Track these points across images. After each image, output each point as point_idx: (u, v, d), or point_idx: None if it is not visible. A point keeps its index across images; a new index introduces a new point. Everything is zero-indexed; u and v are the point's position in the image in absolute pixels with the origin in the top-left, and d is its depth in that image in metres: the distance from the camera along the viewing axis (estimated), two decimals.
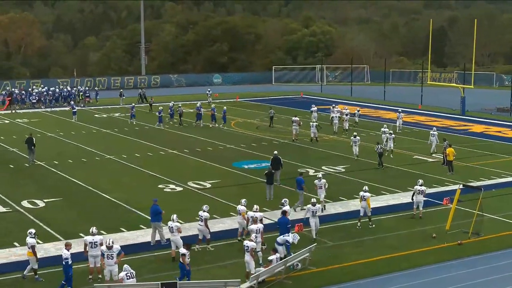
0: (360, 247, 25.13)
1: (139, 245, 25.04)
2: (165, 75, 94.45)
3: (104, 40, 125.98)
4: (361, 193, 27.75)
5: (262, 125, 55.23)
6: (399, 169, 38.69)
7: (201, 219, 24.65)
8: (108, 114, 63.26)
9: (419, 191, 28.84)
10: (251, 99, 75.07)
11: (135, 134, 51.14)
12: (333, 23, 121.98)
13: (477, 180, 35.49)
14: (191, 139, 48.93)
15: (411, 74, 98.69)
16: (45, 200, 31.59)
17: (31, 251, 22.02)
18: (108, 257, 20.84)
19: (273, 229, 25.21)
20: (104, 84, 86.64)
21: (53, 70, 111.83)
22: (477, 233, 26.29)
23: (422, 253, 24.39)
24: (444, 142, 39.73)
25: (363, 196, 27.57)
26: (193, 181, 35.35)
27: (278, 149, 40.77)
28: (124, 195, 32.44)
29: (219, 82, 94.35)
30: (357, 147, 40.93)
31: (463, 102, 64.07)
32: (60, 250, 23.14)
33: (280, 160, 34.17)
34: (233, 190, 33.70)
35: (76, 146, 46.51)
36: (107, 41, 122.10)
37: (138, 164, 39.93)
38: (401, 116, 52.76)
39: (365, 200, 27.49)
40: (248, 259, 21.29)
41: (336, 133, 50.99)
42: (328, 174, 36.71)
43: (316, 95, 79.76)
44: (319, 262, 23.25)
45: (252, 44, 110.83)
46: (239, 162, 40.62)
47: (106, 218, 28.54)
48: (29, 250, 22.08)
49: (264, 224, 24.58)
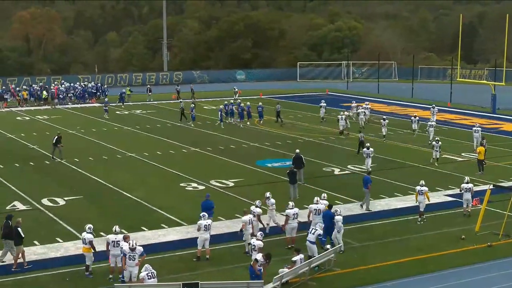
0: (385, 248, 25.05)
1: (160, 245, 25.15)
2: (187, 71, 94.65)
3: (125, 36, 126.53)
4: (417, 187, 28.50)
5: (287, 123, 55.17)
6: (427, 168, 38.46)
7: (254, 214, 24.92)
8: (130, 111, 63.55)
9: (467, 189, 29.10)
10: (275, 96, 74.99)
11: (157, 132, 51.33)
12: (359, 19, 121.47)
13: (508, 180, 35.20)
14: (214, 137, 49.04)
15: (440, 71, 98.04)
16: (66, 198, 31.84)
17: (88, 247, 22.17)
18: (130, 258, 20.93)
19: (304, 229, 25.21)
20: (125, 80, 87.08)
21: (74, 67, 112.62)
22: (508, 235, 26.09)
23: (450, 255, 24.25)
24: (483, 141, 40.07)
25: (420, 191, 28.25)
26: (215, 180, 35.42)
27: (303, 147, 40.80)
28: (146, 194, 32.59)
29: (242, 79, 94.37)
30: (370, 160, 37.05)
31: (494, 99, 63.52)
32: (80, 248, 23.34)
33: (302, 159, 34.10)
34: (256, 189, 33.71)
35: (97, 143, 46.80)
36: (129, 37, 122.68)
37: (159, 162, 40.09)
38: (435, 112, 53.13)
39: (422, 194, 28.19)
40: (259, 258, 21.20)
41: (363, 128, 51.02)
42: (354, 173, 36.62)
43: (342, 92, 79.55)
44: (344, 264, 23.21)
45: (276, 40, 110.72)
46: (263, 160, 40.64)
47: (127, 216, 28.70)
48: (85, 245, 22.26)
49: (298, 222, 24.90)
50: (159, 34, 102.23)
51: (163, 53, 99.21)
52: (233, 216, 28.56)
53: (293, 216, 24.96)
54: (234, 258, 23.88)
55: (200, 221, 23.76)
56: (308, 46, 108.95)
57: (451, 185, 34.11)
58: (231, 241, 25.59)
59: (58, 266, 23.05)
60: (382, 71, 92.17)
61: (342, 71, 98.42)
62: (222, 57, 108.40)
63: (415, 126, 49.20)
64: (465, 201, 29.22)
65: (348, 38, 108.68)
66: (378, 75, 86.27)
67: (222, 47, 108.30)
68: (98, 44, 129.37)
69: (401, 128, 51.74)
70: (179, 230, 26.67)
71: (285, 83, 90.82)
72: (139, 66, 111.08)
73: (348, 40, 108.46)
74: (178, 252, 24.30)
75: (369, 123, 53.80)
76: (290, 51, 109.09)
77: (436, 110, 53.66)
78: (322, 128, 50.86)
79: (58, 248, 24.69)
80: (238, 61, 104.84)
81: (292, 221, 24.91)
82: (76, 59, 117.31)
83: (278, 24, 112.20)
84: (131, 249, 20.90)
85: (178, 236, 25.66)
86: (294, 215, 24.98)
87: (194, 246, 24.05)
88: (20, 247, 23.16)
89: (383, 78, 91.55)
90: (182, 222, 27.80)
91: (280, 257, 23.06)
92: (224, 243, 25.29)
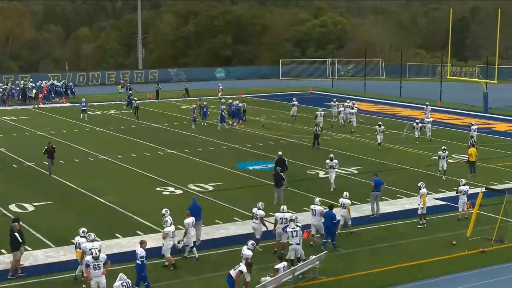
0: (374, 255, 25.12)
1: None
2: (164, 69, 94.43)
3: (98, 32, 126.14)
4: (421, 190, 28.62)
5: (268, 123, 55.22)
6: (417, 171, 38.64)
7: (256, 217, 25.29)
8: (103, 111, 63.33)
9: (464, 192, 29.31)
10: (256, 95, 75.07)
11: (132, 133, 51.20)
12: (346, 13, 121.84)
13: (501, 183, 35.46)
14: (192, 139, 48.98)
15: (429, 68, 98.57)
16: (35, 204, 31.64)
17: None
18: (95, 267, 20.78)
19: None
20: (98, 79, 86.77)
21: (44, 64, 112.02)
22: (501, 240, 26.24)
23: (441, 262, 24.36)
24: (471, 140, 40.74)
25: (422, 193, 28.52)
26: (193, 184, 35.37)
27: (286, 149, 40.86)
28: (120, 199, 32.48)
29: (222, 77, 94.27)
30: (334, 174, 34.11)
31: (486, 98, 63.94)
32: (50, 257, 23.20)
33: (285, 161, 34.04)
34: (237, 193, 33.71)
35: (68, 145, 46.58)
36: (102, 33, 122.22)
37: (134, 165, 39.97)
38: (429, 110, 53.87)
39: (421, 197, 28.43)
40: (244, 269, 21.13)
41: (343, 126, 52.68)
42: (340, 176, 36.70)
43: (326, 91, 79.74)
44: (329, 271, 23.24)
45: (258, 35, 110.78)
46: (243, 162, 40.64)
47: (100, 223, 28.55)
48: (79, 250, 22.35)
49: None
50: (134, 29, 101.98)
51: (138, 50, 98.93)
52: (212, 222, 28.54)
53: (280, 220, 25.00)
54: (214, 266, 23.85)
55: (168, 228, 23.77)
56: (292, 42, 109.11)
57: (441, 188, 34.30)
58: (211, 248, 25.58)
59: (26, 277, 22.87)
60: (368, 69, 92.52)
61: (327, 68, 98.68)
62: (200, 54, 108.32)
63: (417, 133, 47.24)
64: (462, 205, 29.35)
65: (333, 34, 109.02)
66: (365, 73, 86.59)
67: (200, 44, 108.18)
68: (69, 40, 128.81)
69: (388, 129, 51.90)
70: (155, 237, 26.54)
71: (267, 81, 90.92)
72: (113, 63, 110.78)
73: (334, 36, 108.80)
74: (154, 261, 24.19)
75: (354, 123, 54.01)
76: (273, 48, 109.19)
77: (430, 109, 54.15)
78: (306, 129, 50.89)
79: (27, 257, 24.48)
80: (218, 58, 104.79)
81: (281, 225, 24.97)
82: (46, 56, 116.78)
83: (260, 19, 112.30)
84: (94, 258, 20.74)
85: (154, 244, 25.55)
86: (282, 219, 24.96)
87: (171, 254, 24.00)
88: (17, 253, 23.17)
89: (370, 76, 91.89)
90: (158, 229, 27.63)
91: (262, 265, 23.07)
92: (204, 251, 25.24)
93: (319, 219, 25.97)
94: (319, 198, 27.02)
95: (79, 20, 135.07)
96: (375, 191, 29.90)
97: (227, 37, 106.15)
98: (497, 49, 63.56)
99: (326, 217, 25.64)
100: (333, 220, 25.50)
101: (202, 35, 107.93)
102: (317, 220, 26.06)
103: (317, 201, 26.60)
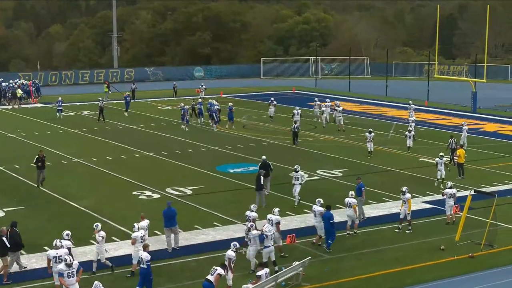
0: (359, 260, 25.17)
1: (111, 260, 24.90)
2: (140, 68, 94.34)
3: (71, 29, 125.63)
4: (402, 195, 28.65)
5: (249, 124, 55.25)
6: (403, 173, 38.78)
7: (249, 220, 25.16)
8: (76, 112, 63.09)
9: (451, 195, 29.40)
10: (236, 95, 75.09)
11: (107, 135, 51.04)
12: (330, 10, 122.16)
13: (490, 185, 35.65)
14: (170, 140, 48.90)
15: (416, 67, 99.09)
16: (5, 209, 31.44)
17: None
18: (69, 275, 20.65)
19: None
20: (71, 78, 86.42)
21: (14, 63, 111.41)
22: (491, 245, 26.36)
23: (429, 267, 24.44)
24: (450, 139, 41.02)
25: (404, 199, 28.51)
26: (172, 187, 35.31)
27: (268, 150, 40.88)
28: (94, 203, 32.35)
29: (201, 76, 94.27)
30: (299, 187, 32.26)
31: (475, 97, 64.26)
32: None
33: (270, 166, 33.96)
34: (217, 197, 33.69)
35: (40, 148, 46.31)
36: (75, 30, 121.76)
37: (109, 168, 39.83)
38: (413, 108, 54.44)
39: (405, 202, 28.42)
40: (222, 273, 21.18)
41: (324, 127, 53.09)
42: (324, 179, 36.77)
43: (310, 90, 79.88)
44: (313, 278, 23.27)
45: (238, 33, 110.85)
46: (224, 165, 40.62)
47: (74, 229, 28.34)
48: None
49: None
50: (109, 26, 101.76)
51: (113, 48, 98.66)
52: (191, 228, 28.50)
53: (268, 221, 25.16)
54: (193, 273, 23.80)
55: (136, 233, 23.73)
56: (274, 40, 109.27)
57: (429, 191, 34.45)
58: (190, 255, 25.55)
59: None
60: (353, 67, 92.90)
61: (310, 67, 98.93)
62: (178, 52, 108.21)
63: (410, 143, 44.08)
64: (449, 208, 29.50)
65: (317, 31, 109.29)
66: (349, 72, 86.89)
67: (178, 42, 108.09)
68: (41, 38, 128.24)
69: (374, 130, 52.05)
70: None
71: (247, 81, 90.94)
72: (87, 62, 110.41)
73: (317, 34, 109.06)
74: (130, 268, 24.12)
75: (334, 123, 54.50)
76: (254, 46, 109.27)
77: (413, 107, 54.79)
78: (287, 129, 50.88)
79: None
80: (196, 56, 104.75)
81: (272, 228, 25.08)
82: (16, 54, 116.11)
83: (241, 16, 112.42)
84: (67, 265, 20.63)
85: (130, 250, 25.46)
86: (269, 220, 25.09)
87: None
88: (6, 258, 23.16)
89: (355, 74, 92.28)
90: None
91: (243, 271, 23.08)
92: (183, 257, 25.20)
93: (320, 220, 26.23)
94: (320, 199, 26.99)
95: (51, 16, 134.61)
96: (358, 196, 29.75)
97: (206, 34, 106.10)
98: (486, 47, 63.93)
99: (324, 218, 26.04)
100: (330, 220, 25.85)
101: (180, 33, 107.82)
102: (318, 221, 26.33)
103: (317, 202, 26.71)
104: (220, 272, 20.73)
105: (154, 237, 26.50)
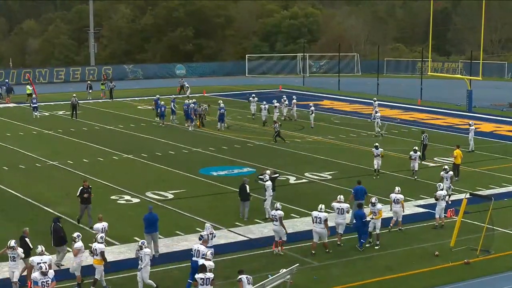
0: (349, 267, 25.21)
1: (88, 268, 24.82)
2: (118, 65, 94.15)
3: (45, 24, 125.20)
4: (392, 195, 28.86)
5: (234, 125, 55.26)
6: (395, 176, 38.84)
7: (275, 219, 25.90)
8: (51, 112, 62.87)
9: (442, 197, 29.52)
10: (220, 94, 75.04)
11: (83, 136, 50.91)
12: (318, 4, 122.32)
13: (486, 188, 35.80)
14: (150, 142, 48.82)
15: (408, 64, 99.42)
16: None
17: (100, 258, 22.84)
18: (44, 284, 20.57)
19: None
20: (45, 76, 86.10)
21: None
22: (487, 250, 26.46)
23: (422, 275, 24.50)
24: (422, 135, 42.35)
25: (395, 199, 28.71)
26: (152, 191, 35.26)
27: (253, 152, 40.92)
28: (71, 208, 32.20)
29: (183, 74, 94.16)
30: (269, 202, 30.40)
31: (470, 96, 64.49)
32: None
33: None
34: (200, 201, 33.65)
35: (12, 150, 46.20)
36: (49, 26, 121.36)
37: (86, 172, 39.68)
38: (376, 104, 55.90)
39: (398, 203, 28.68)
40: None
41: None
42: (312, 182, 36.80)
43: (297, 89, 79.92)
44: (301, 286, 23.28)
45: (222, 28, 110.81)
46: (207, 168, 40.59)
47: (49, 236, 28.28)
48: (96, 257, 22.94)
49: None
50: (85, 22, 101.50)
51: (89, 45, 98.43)
52: (172, 234, 28.46)
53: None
54: (175, 282, 23.77)
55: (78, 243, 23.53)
56: (259, 36, 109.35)
57: (423, 194, 34.53)
58: (171, 262, 25.49)
59: None
60: (343, 65, 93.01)
61: (298, 64, 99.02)
62: (159, 49, 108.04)
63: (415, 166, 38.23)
64: (439, 211, 29.54)
65: (304, 27, 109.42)
66: (339, 69, 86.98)
67: (159, 38, 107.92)
68: (14, 33, 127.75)
69: (365, 130, 52.24)
70: (110, 251, 26.38)
71: (232, 79, 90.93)
72: (62, 59, 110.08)
73: (305, 29, 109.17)
74: (109, 276, 24.06)
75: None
76: (239, 42, 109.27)
77: (377, 103, 56.28)
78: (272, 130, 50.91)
79: None
80: (178, 53, 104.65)
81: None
82: None
83: (224, 11, 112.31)
84: (43, 273, 20.55)
85: (109, 257, 25.39)
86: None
87: (128, 269, 23.94)
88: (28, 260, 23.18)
89: (344, 72, 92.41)
90: (113, 241, 27.55)
91: (226, 280, 23.07)
92: (164, 265, 25.15)
93: (323, 226, 26.27)
94: (322, 205, 26.83)
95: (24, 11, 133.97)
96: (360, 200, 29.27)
97: (188, 30, 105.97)
98: (482, 43, 64.09)
99: (356, 216, 27.10)
100: (362, 219, 26.70)
101: (161, 28, 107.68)
102: (321, 227, 26.29)
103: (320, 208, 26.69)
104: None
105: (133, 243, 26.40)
